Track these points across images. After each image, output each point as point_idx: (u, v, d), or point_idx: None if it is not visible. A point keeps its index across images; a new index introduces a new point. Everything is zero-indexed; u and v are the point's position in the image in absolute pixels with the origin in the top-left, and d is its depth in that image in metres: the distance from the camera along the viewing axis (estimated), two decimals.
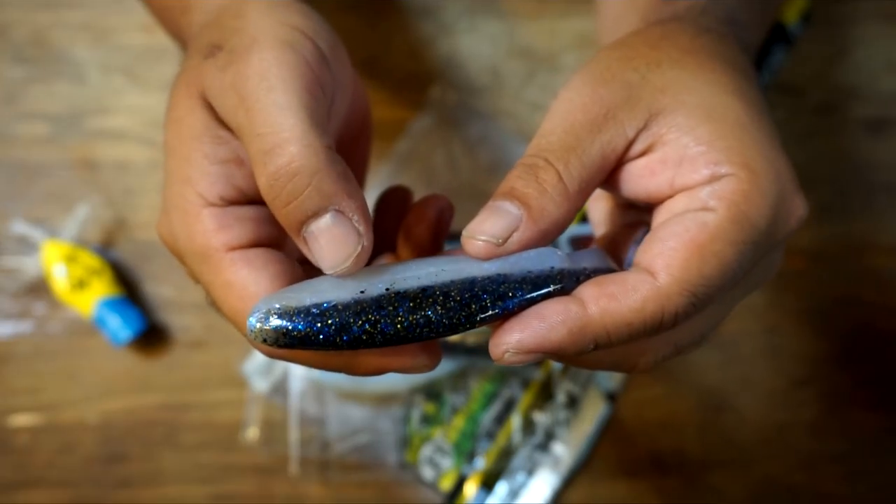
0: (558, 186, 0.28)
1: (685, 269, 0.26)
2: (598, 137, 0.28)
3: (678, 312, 0.27)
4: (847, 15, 0.65)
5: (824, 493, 0.59)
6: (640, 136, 0.29)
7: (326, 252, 0.27)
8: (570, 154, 0.28)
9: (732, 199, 0.27)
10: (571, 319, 0.26)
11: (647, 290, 0.26)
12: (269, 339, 0.26)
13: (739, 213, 0.27)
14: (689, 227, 0.27)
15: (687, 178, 0.28)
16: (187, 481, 0.58)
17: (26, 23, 0.63)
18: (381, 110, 0.63)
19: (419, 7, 0.64)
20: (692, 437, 0.59)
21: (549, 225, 0.28)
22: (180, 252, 0.30)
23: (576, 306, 0.26)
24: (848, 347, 0.61)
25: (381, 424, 0.59)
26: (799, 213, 0.29)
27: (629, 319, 0.26)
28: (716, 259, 0.26)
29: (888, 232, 0.62)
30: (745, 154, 0.27)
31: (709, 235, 0.26)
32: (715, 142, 0.28)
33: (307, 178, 0.26)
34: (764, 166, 0.28)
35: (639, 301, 0.26)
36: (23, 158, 0.62)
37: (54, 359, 0.59)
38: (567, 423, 0.58)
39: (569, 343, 0.26)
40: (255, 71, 0.28)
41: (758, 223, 0.27)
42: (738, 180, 0.27)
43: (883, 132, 0.63)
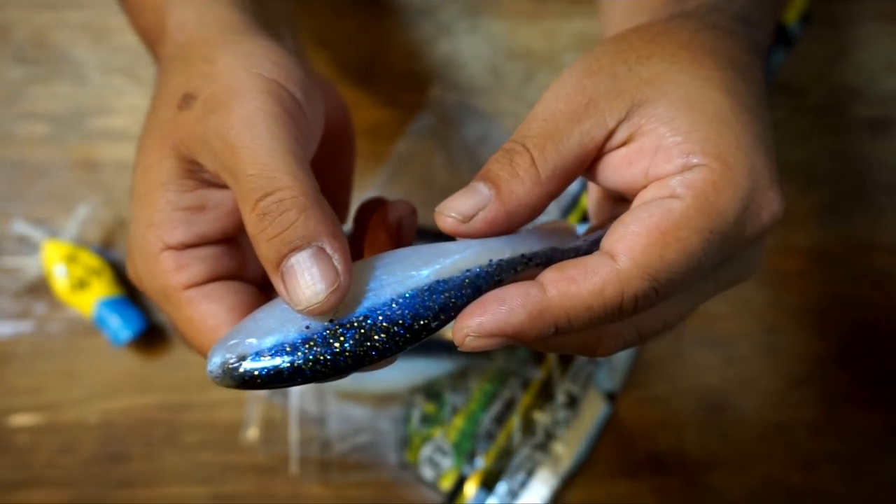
0: (530, 171, 0.28)
1: (646, 253, 0.26)
2: (578, 126, 0.29)
3: (637, 296, 0.27)
4: (847, 15, 0.65)
5: (824, 493, 0.59)
6: (621, 126, 0.29)
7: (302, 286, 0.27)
8: (547, 140, 0.28)
9: (701, 189, 0.27)
10: (531, 303, 0.27)
11: (606, 273, 0.26)
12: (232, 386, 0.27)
13: (707, 203, 0.27)
14: (654, 213, 0.27)
15: (660, 167, 0.28)
16: (187, 481, 0.58)
17: (27, 23, 0.63)
18: (381, 111, 0.63)
19: (419, 7, 0.64)
20: (692, 437, 0.59)
21: (516, 206, 0.28)
22: (146, 290, 0.32)
23: (536, 290, 0.27)
24: (848, 347, 0.61)
25: (381, 424, 0.59)
26: (773, 209, 0.28)
27: (589, 302, 0.27)
28: (679, 245, 0.26)
29: (888, 232, 0.62)
30: (721, 146, 0.28)
31: (673, 222, 0.27)
32: (691, 133, 0.28)
33: (295, 215, 0.27)
34: (738, 159, 0.28)
35: (598, 284, 0.26)
36: (23, 158, 0.62)
37: (55, 359, 0.59)
38: (567, 423, 0.58)
39: (529, 326, 0.27)
40: (238, 119, 0.29)
41: (725, 214, 0.27)
42: (709, 171, 0.27)
43: (883, 132, 0.63)
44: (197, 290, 0.30)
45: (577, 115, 0.29)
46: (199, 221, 0.31)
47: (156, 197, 0.31)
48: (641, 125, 0.28)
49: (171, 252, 0.30)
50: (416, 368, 0.57)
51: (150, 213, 0.31)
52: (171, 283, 0.30)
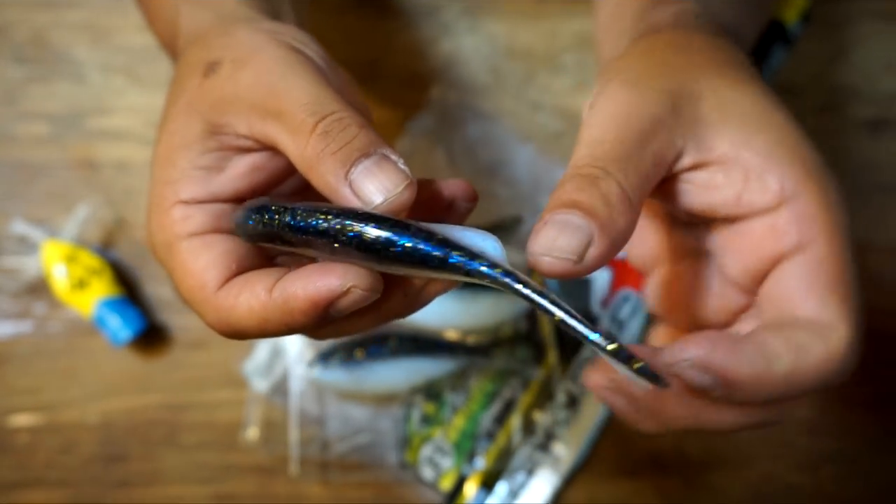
0: (622, 197, 0.27)
1: (845, 309, 0.29)
2: (650, 147, 0.28)
3: (846, 372, 0.29)
4: (847, 15, 0.65)
5: (824, 493, 0.59)
6: (689, 146, 0.29)
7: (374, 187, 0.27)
8: (627, 164, 0.27)
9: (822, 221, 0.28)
10: (760, 366, 0.28)
11: (836, 343, 0.28)
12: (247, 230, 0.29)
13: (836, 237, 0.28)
14: (823, 269, 0.28)
15: (756, 196, 0.28)
16: (187, 481, 0.58)
17: (26, 23, 0.63)
18: (382, 110, 0.63)
19: (419, 7, 0.64)
20: (692, 437, 0.59)
21: (618, 237, 0.27)
22: (154, 247, 0.32)
23: (761, 360, 0.28)
24: None
25: (381, 424, 0.59)
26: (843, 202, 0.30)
27: (820, 377, 0.29)
28: (853, 283, 0.29)
29: (888, 232, 0.62)
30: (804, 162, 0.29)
31: (837, 268, 0.29)
32: (773, 154, 0.28)
33: (356, 129, 0.28)
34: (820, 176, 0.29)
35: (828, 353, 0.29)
36: (23, 158, 0.62)
37: (54, 359, 0.59)
38: (567, 422, 0.58)
39: (746, 385, 0.28)
40: (274, 65, 0.30)
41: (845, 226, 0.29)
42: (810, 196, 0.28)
43: (883, 132, 0.63)
44: (197, 237, 0.31)
45: (645, 135, 0.28)
46: (214, 181, 0.31)
47: (177, 157, 0.31)
48: (714, 147, 0.29)
49: (181, 205, 0.31)
50: (416, 368, 0.57)
51: (170, 171, 0.31)
52: (176, 231, 0.31)
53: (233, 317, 0.29)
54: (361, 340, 0.57)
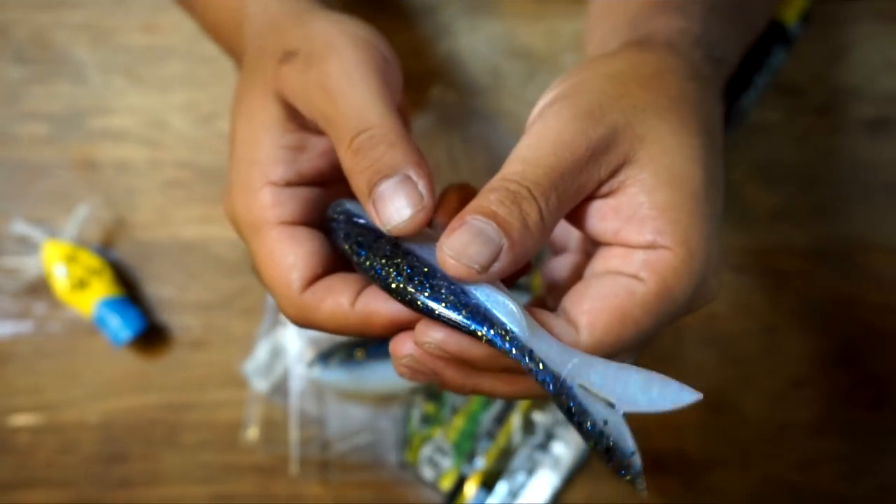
0: (538, 223, 0.29)
1: (605, 332, 0.29)
2: (580, 178, 0.30)
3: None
4: (846, 15, 0.65)
5: (824, 492, 0.59)
6: (609, 181, 0.30)
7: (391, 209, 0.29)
8: (552, 190, 0.29)
9: (663, 275, 0.29)
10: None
11: (568, 343, 0.29)
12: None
13: (665, 289, 0.29)
14: (619, 294, 0.29)
15: (630, 236, 0.30)
16: (187, 481, 0.58)
17: (26, 23, 0.63)
18: None
19: (419, 7, 0.64)
20: (692, 437, 0.59)
21: (524, 257, 0.29)
22: (238, 225, 0.34)
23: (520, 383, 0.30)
24: (848, 347, 0.61)
25: (381, 424, 0.59)
26: (711, 297, 0.31)
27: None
28: (635, 326, 0.29)
29: (888, 232, 0.62)
30: (688, 231, 0.29)
31: (633, 305, 0.29)
32: (667, 211, 0.29)
33: (385, 148, 0.30)
34: (700, 246, 0.30)
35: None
36: (23, 158, 0.62)
37: (55, 359, 0.59)
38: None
39: (498, 390, 0.30)
40: (337, 69, 0.32)
41: (679, 300, 0.30)
42: (673, 256, 0.29)
43: (882, 132, 0.63)
44: (286, 227, 0.33)
45: (579, 167, 0.29)
46: (299, 160, 0.34)
47: (260, 138, 0.33)
48: (626, 183, 0.30)
49: (272, 188, 0.33)
50: None
51: (255, 152, 0.33)
52: (266, 216, 0.32)
53: (315, 317, 0.32)
54: (361, 340, 0.57)
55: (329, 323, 0.31)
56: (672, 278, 0.29)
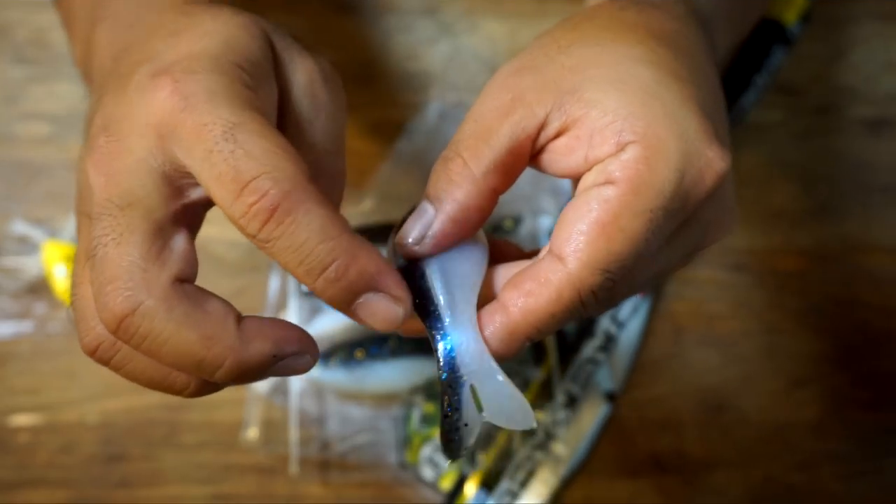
0: (463, 173, 0.29)
1: (593, 250, 0.27)
2: (507, 120, 0.29)
3: (595, 290, 0.27)
4: (846, 15, 0.65)
5: (824, 493, 0.59)
6: (552, 115, 0.29)
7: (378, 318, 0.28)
8: (477, 141, 0.29)
9: (635, 169, 0.27)
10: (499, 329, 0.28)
11: (559, 280, 0.27)
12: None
13: (641, 183, 0.27)
14: (593, 207, 0.27)
15: (598, 151, 0.28)
16: (187, 481, 0.58)
17: (27, 23, 0.64)
18: (381, 111, 0.63)
19: (419, 7, 0.64)
20: (692, 437, 0.59)
21: (460, 211, 0.29)
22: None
23: (500, 315, 0.28)
24: (848, 347, 0.61)
25: (381, 424, 0.59)
26: (715, 167, 0.28)
27: (551, 311, 0.28)
28: (622, 234, 0.27)
29: (888, 232, 0.62)
30: (648, 118, 0.28)
31: (612, 212, 0.27)
32: (619, 110, 0.28)
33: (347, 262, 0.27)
34: (667, 127, 0.28)
35: (555, 292, 0.27)
36: (23, 158, 0.62)
37: (55, 359, 0.59)
38: (567, 422, 0.58)
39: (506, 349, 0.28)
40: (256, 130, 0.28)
41: (662, 188, 0.27)
42: (640, 147, 0.27)
43: (882, 132, 0.63)
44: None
45: (503, 110, 0.29)
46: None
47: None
48: (573, 112, 0.29)
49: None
50: (416, 368, 0.57)
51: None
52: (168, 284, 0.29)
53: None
54: (361, 340, 0.57)
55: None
56: (645, 169, 0.27)
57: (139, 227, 0.27)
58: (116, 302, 0.27)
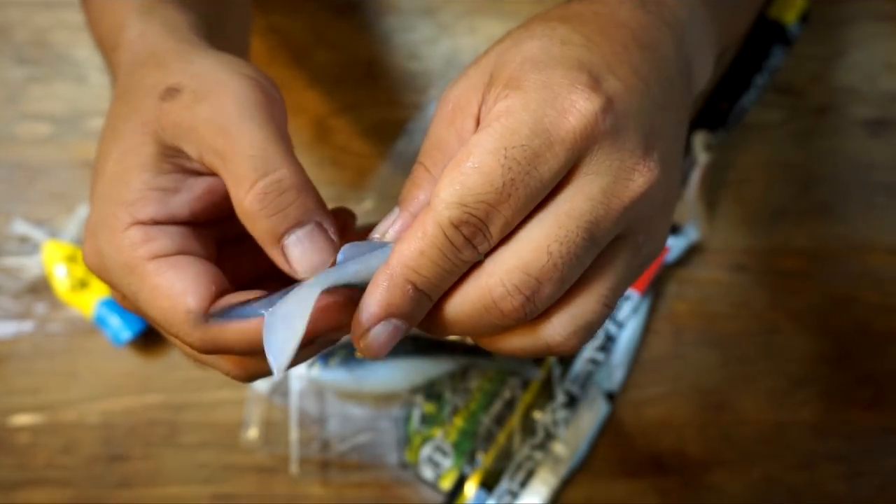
0: (424, 175, 0.32)
1: (447, 184, 0.28)
2: (452, 128, 0.32)
3: (457, 225, 0.28)
4: (846, 15, 0.65)
5: (824, 492, 0.59)
6: (482, 109, 0.31)
7: (305, 258, 0.30)
8: (433, 149, 0.32)
9: (495, 116, 0.29)
10: (381, 275, 0.29)
11: (422, 218, 0.29)
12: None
13: (499, 125, 0.28)
14: (457, 155, 0.29)
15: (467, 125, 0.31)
16: (187, 481, 0.58)
17: (27, 23, 0.64)
18: (382, 111, 0.63)
19: (419, 8, 0.64)
20: (692, 437, 0.59)
21: (419, 209, 0.31)
22: (107, 269, 0.32)
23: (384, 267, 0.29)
24: (848, 347, 0.61)
25: (381, 424, 0.59)
26: (580, 106, 0.28)
27: (418, 247, 0.29)
28: (474, 169, 0.28)
29: (888, 232, 0.62)
30: (520, 78, 0.29)
31: (466, 152, 0.28)
32: (501, 75, 0.30)
33: (295, 194, 0.30)
34: (534, 79, 0.29)
35: (418, 229, 0.29)
36: (24, 159, 0.62)
37: (55, 359, 0.60)
38: (567, 422, 0.58)
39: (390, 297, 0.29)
40: (229, 105, 0.31)
41: (517, 128, 0.28)
42: (505, 100, 0.29)
43: (882, 132, 0.63)
44: (164, 259, 0.31)
45: (448, 120, 0.32)
46: (171, 202, 0.32)
47: (131, 177, 0.31)
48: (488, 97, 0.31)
49: (140, 226, 0.31)
50: (416, 368, 0.58)
51: (124, 192, 0.31)
52: (139, 254, 0.30)
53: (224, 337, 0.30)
54: None
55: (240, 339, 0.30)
56: (504, 115, 0.28)
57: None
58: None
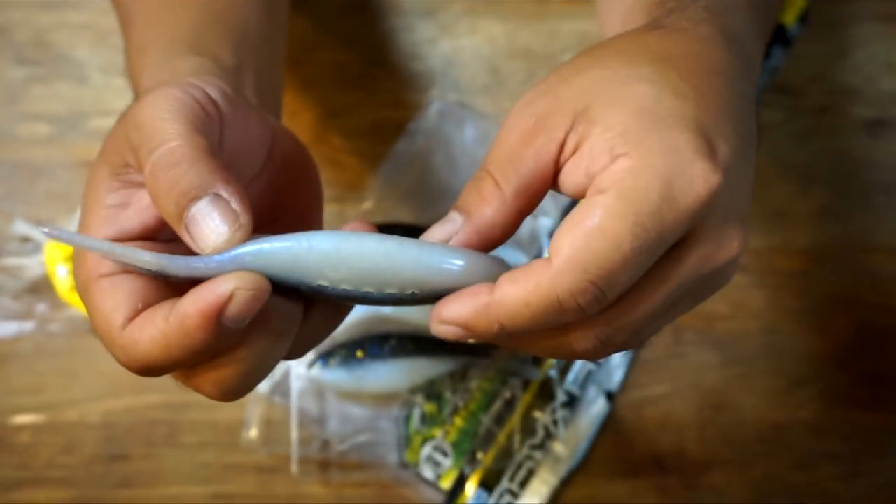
0: (494, 192, 0.31)
1: (573, 247, 0.28)
2: (531, 145, 0.31)
3: (573, 291, 0.28)
4: (845, 16, 0.65)
5: (824, 492, 0.59)
6: (569, 136, 0.30)
7: (206, 231, 0.29)
8: (506, 164, 0.31)
9: (621, 177, 0.28)
10: (478, 301, 0.29)
11: (541, 270, 0.28)
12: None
13: (626, 189, 0.28)
14: (581, 212, 0.28)
15: (595, 165, 0.29)
16: (188, 481, 0.58)
17: (28, 24, 0.64)
18: (382, 111, 0.63)
19: (420, 8, 0.65)
20: (692, 437, 0.59)
21: (486, 226, 0.31)
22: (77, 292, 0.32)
23: (486, 289, 0.29)
24: (848, 347, 0.61)
25: (381, 424, 0.59)
26: (707, 178, 0.29)
27: (526, 299, 0.28)
28: (602, 234, 0.28)
29: (888, 232, 0.62)
30: (639, 132, 0.29)
31: (596, 215, 0.28)
32: (616, 126, 0.29)
33: (187, 166, 0.29)
34: (658, 139, 0.29)
35: (533, 282, 0.28)
36: (25, 159, 0.62)
37: (56, 358, 0.60)
38: (566, 422, 0.58)
39: (474, 321, 0.29)
40: (146, 102, 0.31)
41: (647, 195, 0.28)
42: (629, 158, 0.28)
43: (882, 132, 0.63)
44: (107, 278, 0.31)
45: (528, 136, 0.31)
46: (120, 217, 0.32)
47: (89, 202, 0.32)
48: (582, 131, 0.30)
49: None
50: (416, 368, 0.58)
51: (85, 218, 0.32)
52: (89, 275, 0.31)
53: (138, 351, 0.30)
54: (361, 340, 0.57)
55: (153, 351, 0.29)
56: (630, 177, 0.28)
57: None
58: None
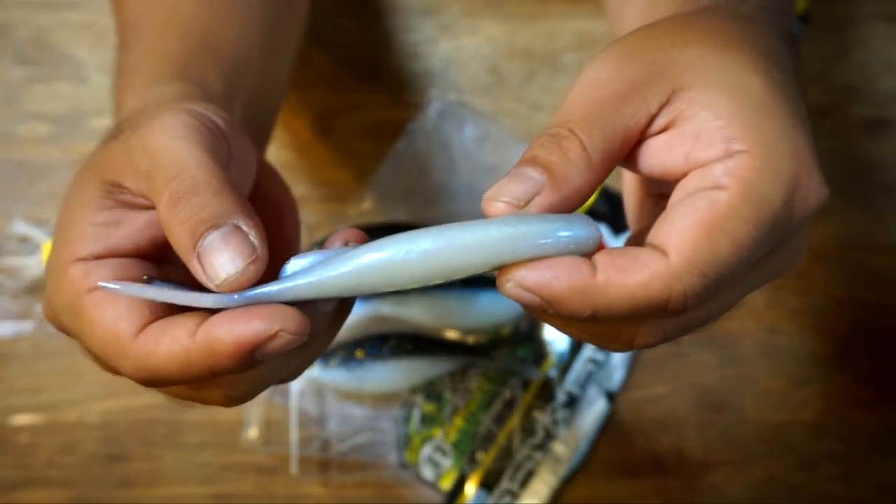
0: (582, 155, 0.27)
1: (696, 248, 0.26)
2: (622, 110, 0.28)
3: (687, 294, 0.26)
4: (846, 16, 0.65)
5: (824, 492, 0.59)
6: (663, 111, 0.28)
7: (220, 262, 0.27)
8: (593, 125, 0.28)
9: (745, 176, 0.26)
10: (577, 278, 0.26)
11: (655, 267, 0.26)
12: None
13: (752, 191, 0.26)
14: (700, 206, 0.26)
15: (702, 153, 0.27)
16: (188, 481, 0.58)
17: (27, 23, 0.64)
18: (382, 111, 0.63)
19: (420, 8, 0.65)
20: (692, 437, 0.59)
21: (572, 192, 0.27)
22: (57, 316, 0.31)
23: (587, 268, 0.26)
24: (848, 347, 0.61)
25: (381, 424, 0.59)
26: (819, 192, 0.28)
27: (633, 294, 0.26)
28: (727, 238, 0.26)
29: (888, 232, 0.62)
30: (762, 131, 0.27)
31: (720, 214, 0.26)
32: (733, 117, 0.27)
33: (209, 196, 0.28)
34: (781, 144, 0.27)
35: (646, 277, 0.26)
36: (24, 159, 0.62)
37: (55, 358, 0.60)
38: (566, 422, 0.58)
39: (566, 299, 0.26)
40: (159, 127, 0.30)
41: (772, 200, 0.26)
42: (751, 157, 0.26)
43: (883, 132, 0.63)
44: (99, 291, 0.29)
45: (618, 99, 0.28)
46: (111, 235, 0.31)
47: (74, 218, 0.31)
48: (682, 110, 0.28)
49: (80, 262, 0.30)
50: (416, 368, 0.58)
51: (67, 233, 0.31)
52: (77, 288, 0.29)
53: (153, 363, 0.28)
54: (361, 340, 0.57)
55: (170, 365, 0.28)
56: (756, 178, 0.26)
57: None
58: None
